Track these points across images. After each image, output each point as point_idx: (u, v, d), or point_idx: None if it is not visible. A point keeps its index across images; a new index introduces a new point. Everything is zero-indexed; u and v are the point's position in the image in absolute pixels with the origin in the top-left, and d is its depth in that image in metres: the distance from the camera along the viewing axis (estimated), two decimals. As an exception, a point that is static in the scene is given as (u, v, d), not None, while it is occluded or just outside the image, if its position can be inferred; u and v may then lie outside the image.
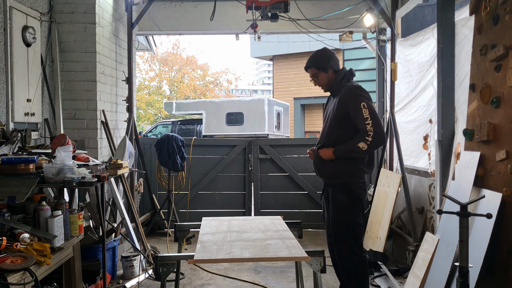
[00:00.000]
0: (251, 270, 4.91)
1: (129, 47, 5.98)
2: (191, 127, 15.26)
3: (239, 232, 2.99)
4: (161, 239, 6.20)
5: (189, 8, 6.52)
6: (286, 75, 21.73)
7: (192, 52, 59.20)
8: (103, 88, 5.37)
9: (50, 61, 4.99)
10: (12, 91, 4.15)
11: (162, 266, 2.54)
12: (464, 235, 2.54)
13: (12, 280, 2.32)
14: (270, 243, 2.69)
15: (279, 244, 2.66)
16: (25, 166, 3.15)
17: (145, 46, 7.97)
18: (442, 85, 4.15)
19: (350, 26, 6.38)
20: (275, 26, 6.07)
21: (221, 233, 2.95)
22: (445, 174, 4.12)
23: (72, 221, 3.14)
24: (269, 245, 2.65)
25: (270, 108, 14.13)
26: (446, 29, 4.14)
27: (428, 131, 5.23)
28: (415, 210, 5.08)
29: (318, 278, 2.58)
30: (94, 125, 5.18)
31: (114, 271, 4.59)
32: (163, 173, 6.57)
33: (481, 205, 3.03)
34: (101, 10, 5.30)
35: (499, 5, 3.14)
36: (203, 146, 7.00)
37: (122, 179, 5.33)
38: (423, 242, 3.76)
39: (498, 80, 3.11)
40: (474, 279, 2.78)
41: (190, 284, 4.50)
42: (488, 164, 3.17)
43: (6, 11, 4.05)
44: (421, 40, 5.51)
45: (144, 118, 28.13)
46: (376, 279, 4.54)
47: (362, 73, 19.13)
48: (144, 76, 28.74)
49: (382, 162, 6.14)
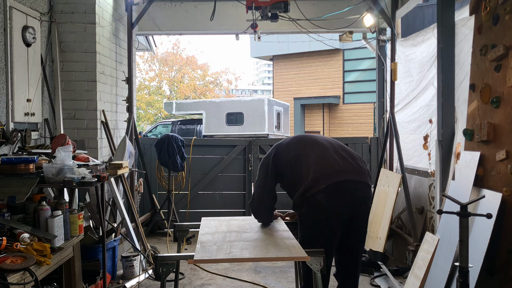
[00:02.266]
0: (251, 270, 4.91)
1: (129, 47, 5.98)
2: (191, 127, 15.26)
3: (238, 232, 2.99)
4: (161, 239, 6.20)
5: (189, 8, 6.52)
6: (286, 75, 21.73)
7: (192, 52, 59.14)
8: (103, 88, 5.37)
9: (50, 61, 4.99)
10: (12, 91, 4.15)
11: (162, 266, 2.53)
12: (464, 235, 2.54)
13: (12, 280, 2.32)
14: (270, 243, 2.69)
15: (279, 244, 2.66)
16: (25, 166, 3.15)
17: (145, 46, 7.97)
18: (442, 85, 4.15)
19: (350, 26, 6.38)
20: (275, 26, 6.07)
21: (221, 233, 2.94)
22: (445, 174, 4.12)
23: (72, 221, 3.14)
24: (268, 245, 2.65)
25: (270, 108, 14.14)
26: (446, 29, 4.15)
27: (428, 131, 5.23)
28: (415, 210, 5.08)
29: (318, 278, 2.58)
30: (94, 125, 5.18)
31: (114, 271, 4.58)
32: (163, 173, 6.57)
33: (481, 205, 3.03)
34: (101, 10, 5.30)
35: (499, 5, 3.14)
36: (203, 146, 7.00)
37: (122, 179, 5.33)
38: (423, 242, 3.76)
39: (498, 80, 3.11)
40: (474, 279, 2.78)
41: (190, 284, 4.50)
42: (488, 164, 3.17)
43: (6, 11, 4.05)
44: (422, 40, 5.51)
45: (144, 118, 28.13)
46: (376, 279, 4.54)
47: (362, 73, 19.16)
48: (144, 76, 28.77)
49: (382, 162, 6.14)
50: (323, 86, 20.26)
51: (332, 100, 20.10)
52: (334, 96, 20.02)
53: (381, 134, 6.56)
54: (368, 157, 6.76)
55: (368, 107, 18.51)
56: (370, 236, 5.62)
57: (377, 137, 6.76)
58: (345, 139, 7.47)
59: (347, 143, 6.86)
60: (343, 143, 3.28)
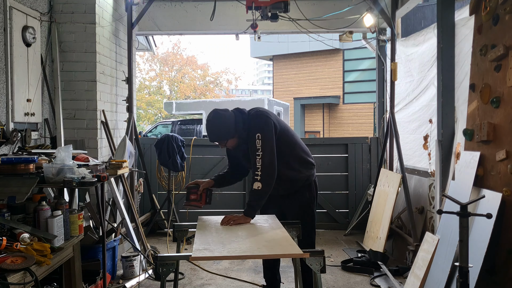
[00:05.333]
0: (251, 270, 4.90)
1: (129, 47, 5.98)
2: (191, 127, 15.25)
3: (235, 230, 2.99)
4: (161, 239, 6.20)
5: (189, 8, 6.52)
6: (286, 75, 21.73)
7: (192, 52, 59.29)
8: (103, 88, 5.37)
9: (50, 61, 4.99)
10: (12, 91, 4.15)
11: (162, 266, 2.53)
12: (464, 235, 2.54)
13: (12, 280, 2.32)
14: (268, 241, 2.68)
15: (277, 242, 2.66)
16: (25, 166, 3.15)
17: (145, 46, 7.98)
18: (442, 85, 4.15)
19: (350, 26, 6.38)
20: (275, 26, 6.07)
21: (218, 232, 2.94)
22: (445, 174, 4.12)
23: (72, 221, 3.14)
24: (266, 242, 2.65)
25: (270, 108, 14.12)
26: (446, 29, 4.15)
27: (428, 131, 5.23)
28: (415, 210, 5.08)
29: (318, 278, 2.58)
30: (94, 125, 5.18)
31: (114, 271, 4.59)
32: (163, 173, 6.57)
33: (481, 205, 3.03)
34: (101, 10, 5.30)
35: (499, 5, 3.14)
36: (203, 146, 7.00)
37: (122, 179, 5.33)
38: (423, 242, 3.76)
39: (498, 80, 3.12)
40: (474, 279, 2.79)
41: (190, 284, 4.50)
42: (488, 164, 3.17)
43: (6, 11, 4.05)
44: (423, 40, 5.51)
45: (144, 118, 28.15)
46: (376, 279, 4.54)
47: (362, 73, 19.15)
48: (144, 76, 28.80)
49: (382, 162, 6.14)
50: (323, 86, 20.25)
51: (332, 100, 20.10)
52: (334, 96, 20.02)
53: (381, 134, 6.57)
54: (368, 157, 6.76)
55: (368, 107, 18.51)
56: (370, 236, 5.62)
57: (377, 137, 6.76)
58: (345, 139, 7.49)
59: (347, 143, 6.93)
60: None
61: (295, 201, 3.40)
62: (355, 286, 4.45)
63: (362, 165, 6.74)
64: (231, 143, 3.27)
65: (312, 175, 3.43)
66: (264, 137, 3.09)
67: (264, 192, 3.11)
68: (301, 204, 3.40)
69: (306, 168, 3.38)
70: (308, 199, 3.41)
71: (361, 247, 5.70)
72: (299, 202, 3.39)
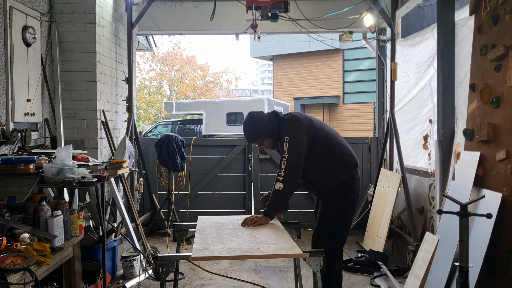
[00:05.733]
0: (251, 270, 4.91)
1: (129, 47, 5.98)
2: (191, 127, 15.27)
3: (235, 230, 2.99)
4: (161, 239, 6.20)
5: (189, 8, 6.52)
6: (286, 75, 21.73)
7: (192, 52, 59.23)
8: (103, 88, 5.37)
9: (50, 61, 4.99)
10: (12, 91, 4.15)
11: (161, 266, 2.53)
12: (464, 235, 2.54)
13: (12, 280, 2.32)
14: (268, 241, 2.69)
15: (277, 242, 2.66)
16: (25, 166, 3.15)
17: (145, 46, 7.97)
18: (442, 85, 4.15)
19: (350, 26, 6.38)
20: (275, 26, 6.07)
21: (217, 231, 2.94)
22: (445, 174, 4.13)
23: (72, 221, 3.14)
24: (266, 242, 2.65)
25: (270, 108, 14.14)
26: (446, 29, 4.15)
27: (428, 131, 5.23)
28: (415, 210, 5.08)
29: (318, 278, 2.58)
30: (94, 125, 5.18)
31: (114, 271, 4.59)
32: (163, 173, 6.57)
33: (481, 205, 3.03)
34: (101, 10, 5.30)
35: (499, 5, 3.14)
36: (203, 146, 7.00)
37: (122, 179, 5.33)
38: (423, 242, 3.76)
39: (498, 80, 3.12)
40: (474, 279, 2.79)
41: (190, 284, 4.50)
42: (488, 164, 3.17)
43: (6, 11, 4.05)
44: (421, 40, 5.52)
45: (144, 118, 28.16)
46: (376, 279, 4.54)
47: (362, 73, 19.15)
48: (145, 76, 28.80)
49: (382, 162, 6.14)
50: (323, 86, 20.26)
51: (332, 100, 20.10)
52: (334, 96, 20.03)
53: (381, 134, 6.57)
54: (368, 157, 6.76)
55: (368, 107, 18.51)
56: (370, 236, 5.63)
57: (377, 137, 6.76)
58: (345, 139, 7.47)
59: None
60: None
61: (328, 200, 3.43)
62: (355, 286, 4.45)
63: (362, 165, 6.74)
64: (267, 143, 3.41)
65: (352, 176, 3.40)
66: (292, 140, 3.18)
67: (284, 193, 3.17)
68: (333, 203, 3.41)
69: (345, 169, 3.38)
70: (341, 199, 3.39)
71: (361, 247, 5.70)
72: (331, 201, 3.41)
